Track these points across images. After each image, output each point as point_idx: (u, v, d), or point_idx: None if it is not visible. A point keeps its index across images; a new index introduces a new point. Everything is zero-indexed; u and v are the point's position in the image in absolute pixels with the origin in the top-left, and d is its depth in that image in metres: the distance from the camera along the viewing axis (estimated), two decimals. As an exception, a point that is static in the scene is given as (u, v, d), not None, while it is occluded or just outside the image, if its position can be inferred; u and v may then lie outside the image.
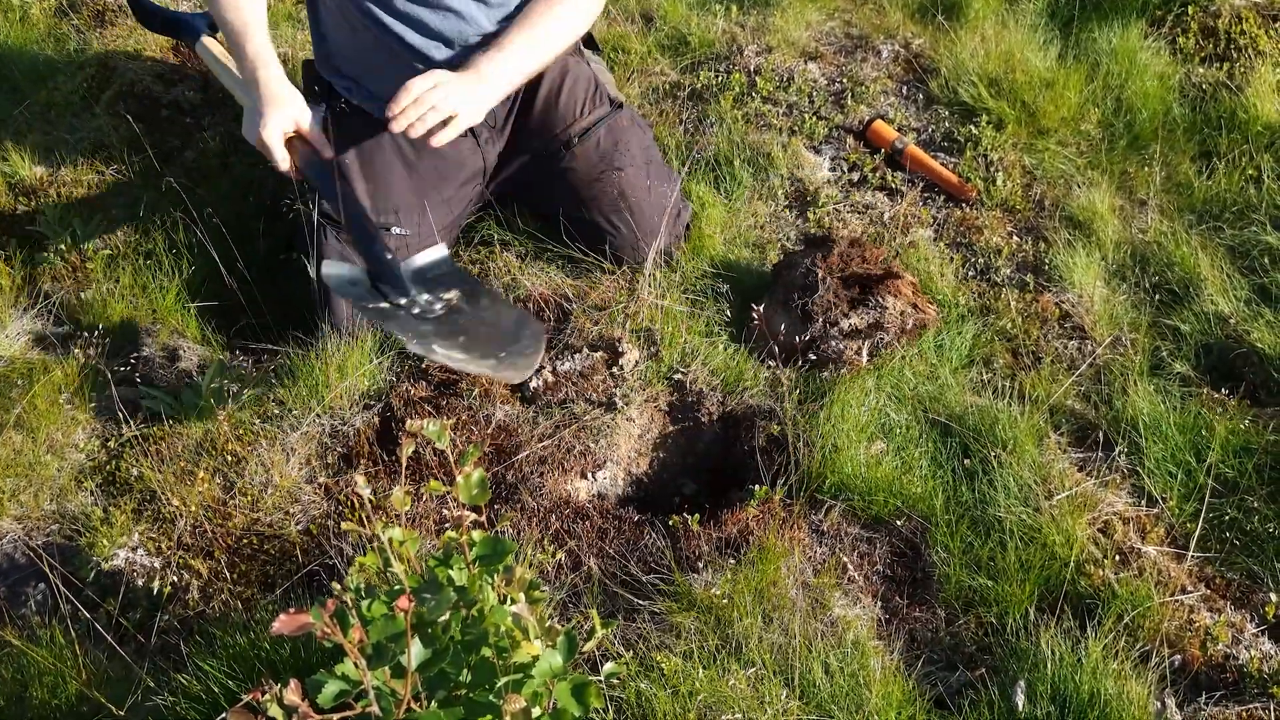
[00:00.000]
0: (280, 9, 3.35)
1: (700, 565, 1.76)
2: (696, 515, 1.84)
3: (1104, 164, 2.78)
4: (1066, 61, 3.08)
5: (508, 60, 2.09)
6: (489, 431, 1.99)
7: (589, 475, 2.00)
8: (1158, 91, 2.96)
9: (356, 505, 1.87)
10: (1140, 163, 2.79)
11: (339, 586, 1.16)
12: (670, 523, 1.85)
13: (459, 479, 1.24)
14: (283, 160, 2.03)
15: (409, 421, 1.23)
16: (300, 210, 2.16)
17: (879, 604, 1.78)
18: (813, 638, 1.65)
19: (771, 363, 2.11)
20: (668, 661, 1.58)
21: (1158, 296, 2.42)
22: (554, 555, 1.79)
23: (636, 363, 2.12)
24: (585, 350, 2.10)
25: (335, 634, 1.03)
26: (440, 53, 2.19)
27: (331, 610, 1.03)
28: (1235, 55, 3.09)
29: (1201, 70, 3.08)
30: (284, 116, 2.02)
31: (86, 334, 2.23)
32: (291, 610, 1.00)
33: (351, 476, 1.90)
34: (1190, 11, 3.25)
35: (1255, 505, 1.93)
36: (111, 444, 2.02)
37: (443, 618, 1.13)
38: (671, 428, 2.11)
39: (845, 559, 1.83)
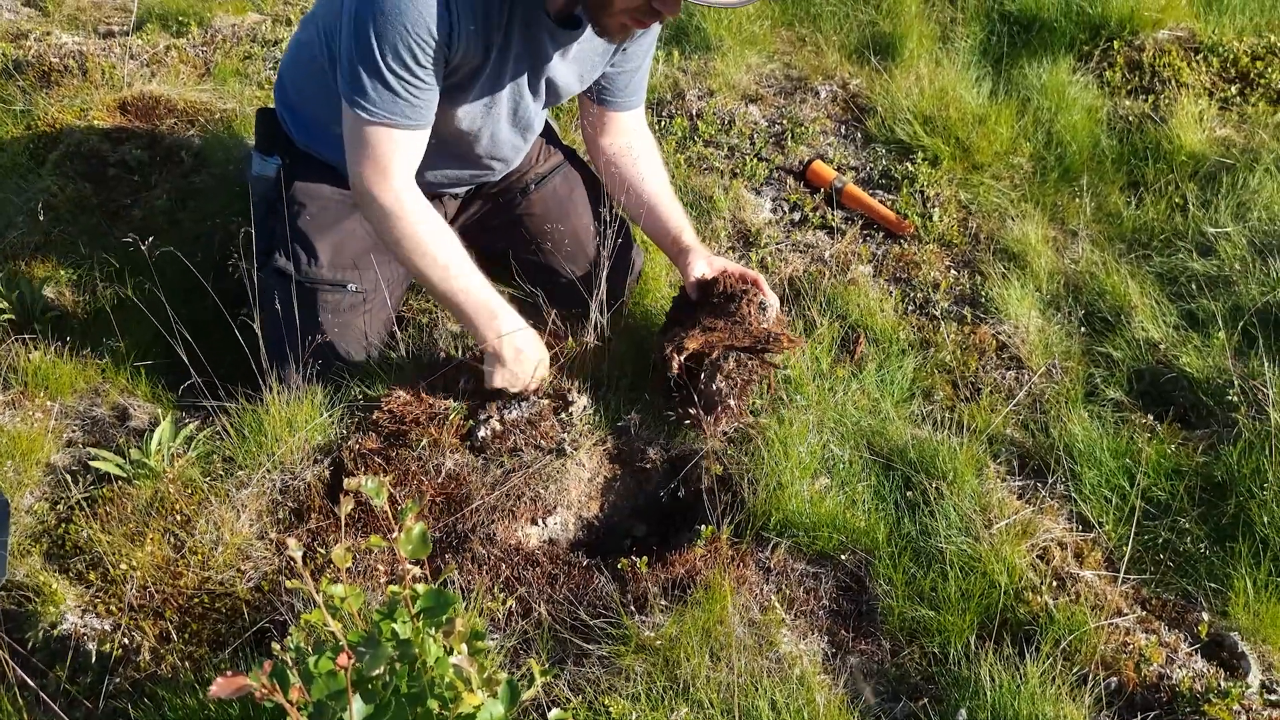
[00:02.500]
0: (227, 65, 3.38)
1: (648, 607, 1.78)
2: (644, 558, 1.87)
3: (1036, 196, 2.87)
4: (998, 98, 3.18)
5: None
6: (439, 481, 2.01)
7: (539, 521, 2.02)
8: (1086, 124, 3.06)
9: (301, 569, 1.87)
10: (1071, 194, 2.88)
11: (279, 647, 1.17)
12: (619, 566, 1.88)
13: (400, 534, 1.26)
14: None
15: (347, 479, 1.25)
16: (247, 268, 2.18)
17: (825, 638, 1.81)
18: (759, 675, 1.68)
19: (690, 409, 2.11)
20: (615, 704, 1.60)
21: (1090, 325, 2.50)
22: (504, 603, 1.81)
23: (584, 408, 2.15)
24: (532, 397, 2.13)
25: (274, 694, 1.05)
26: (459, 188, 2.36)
27: (269, 670, 1.05)
28: (1160, 88, 3.21)
29: (1128, 103, 3.19)
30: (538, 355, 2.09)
31: (34, 396, 2.23)
32: (229, 673, 1.02)
33: (286, 540, 1.90)
34: (1116, 46, 3.37)
35: (1187, 526, 1.99)
36: (60, 507, 2.02)
37: (378, 671, 1.15)
38: (620, 471, 2.14)
39: (791, 595, 1.86)
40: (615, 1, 1.83)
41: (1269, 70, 3.20)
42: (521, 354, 2.07)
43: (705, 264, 2.20)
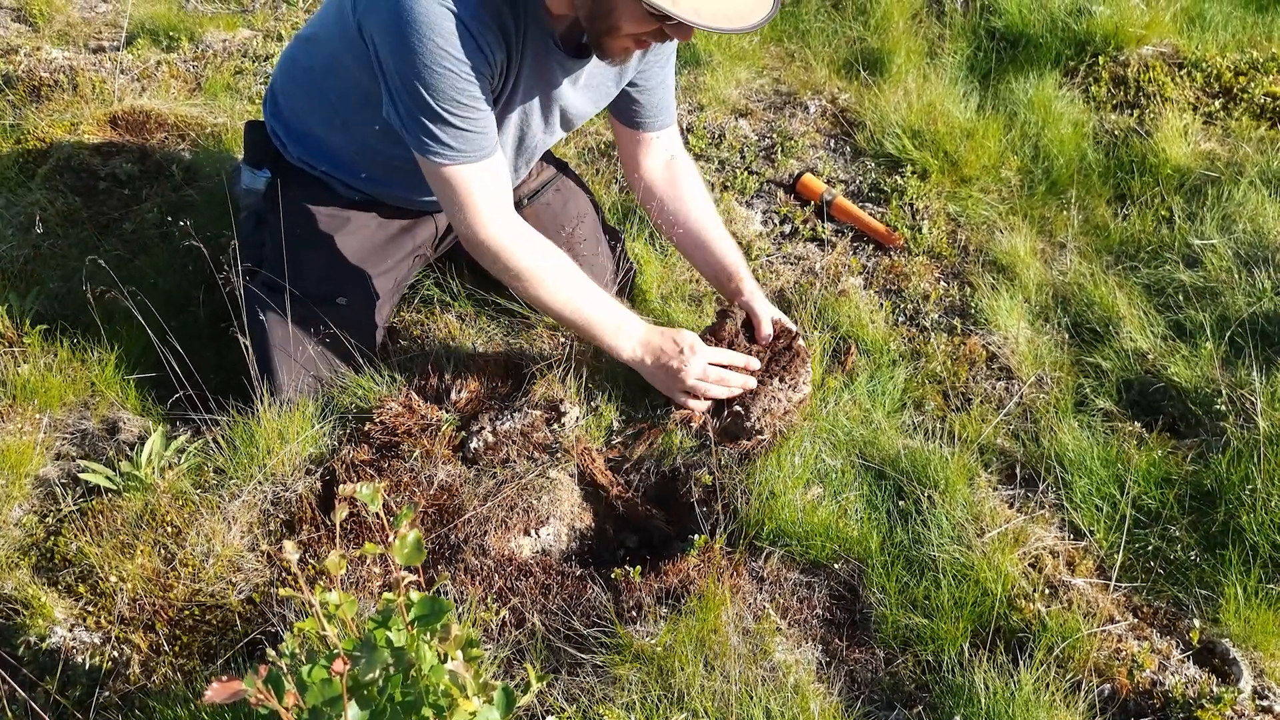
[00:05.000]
0: (217, 80, 3.39)
1: (642, 616, 1.78)
2: (638, 567, 1.87)
3: (1024, 209, 2.89)
4: (985, 112, 3.21)
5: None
6: (431, 493, 2.01)
7: (532, 532, 2.01)
8: (1073, 138, 3.09)
9: (296, 571, 1.87)
10: (1059, 207, 2.91)
11: (273, 653, 1.17)
12: (612, 575, 1.88)
13: (394, 540, 1.26)
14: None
15: (341, 486, 1.25)
16: (237, 281, 2.18)
17: (819, 647, 1.81)
18: (754, 684, 1.68)
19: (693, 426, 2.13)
20: (610, 713, 1.59)
21: (1079, 335, 2.51)
22: (497, 613, 1.80)
23: (577, 419, 2.15)
24: (525, 409, 2.13)
25: (269, 700, 1.05)
26: None
27: (264, 676, 1.05)
28: (1144, 102, 3.24)
29: (1113, 117, 3.22)
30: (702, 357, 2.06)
31: (24, 409, 2.22)
32: (224, 678, 1.01)
33: (282, 544, 1.90)
34: (1101, 61, 3.40)
35: (1177, 534, 2.00)
36: (49, 520, 2.00)
37: (372, 676, 1.14)
38: (614, 481, 2.14)
39: (785, 604, 1.86)
40: (622, 27, 1.83)
41: (1251, 85, 3.24)
42: (662, 353, 2.04)
43: (769, 314, 2.20)
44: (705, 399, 2.08)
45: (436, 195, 2.02)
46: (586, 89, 2.15)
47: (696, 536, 1.93)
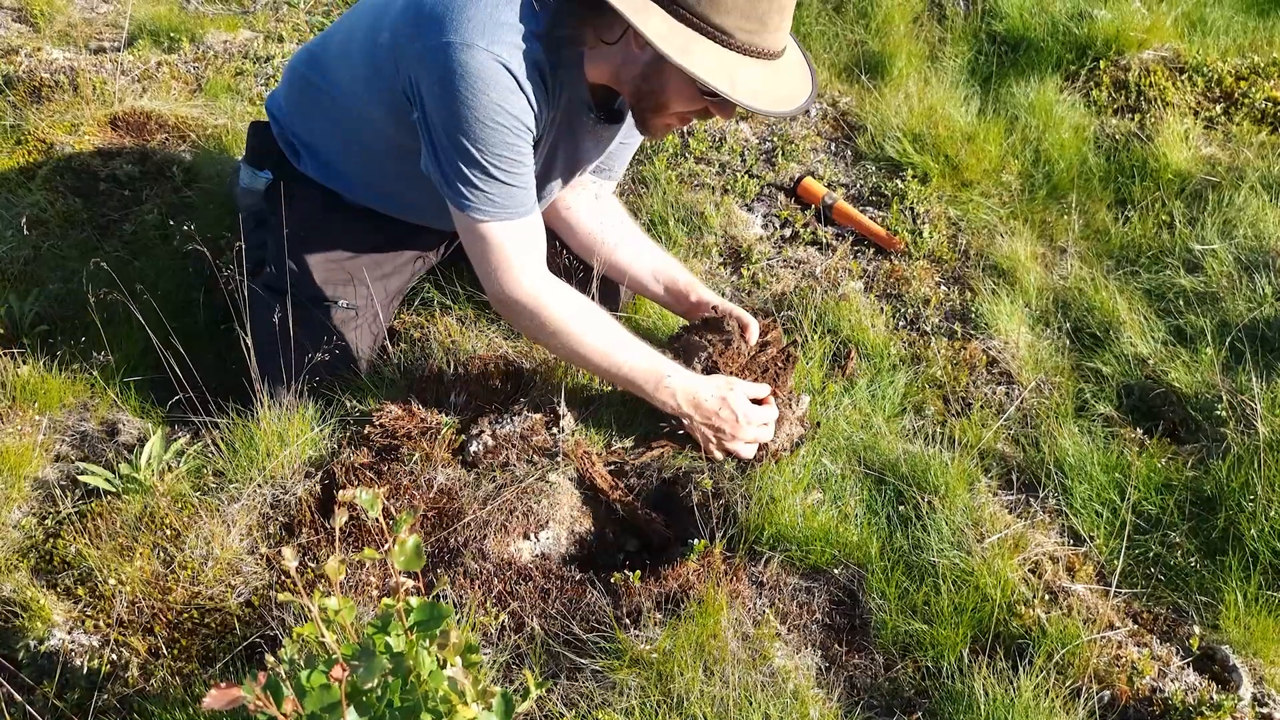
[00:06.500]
0: (218, 81, 3.38)
1: (641, 621, 1.78)
2: (637, 572, 1.87)
3: (1025, 213, 2.89)
4: (986, 116, 3.21)
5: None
6: (431, 496, 2.00)
7: (531, 536, 2.01)
8: (1074, 143, 3.09)
9: (295, 576, 1.87)
10: (1059, 211, 2.91)
11: (272, 659, 1.16)
12: (612, 580, 1.87)
13: (394, 545, 1.25)
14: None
15: (340, 491, 1.24)
16: (240, 282, 2.18)
17: (818, 652, 1.81)
18: (753, 689, 1.67)
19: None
20: (609, 719, 1.59)
21: (1079, 340, 2.51)
22: (497, 617, 1.80)
23: (576, 422, 2.15)
24: (525, 412, 2.13)
25: (268, 706, 1.04)
26: None
27: (263, 682, 1.04)
28: (1145, 107, 3.24)
29: (1114, 121, 3.22)
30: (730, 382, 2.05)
31: (23, 410, 2.21)
32: (222, 684, 1.01)
33: (279, 550, 1.90)
34: (1102, 66, 3.40)
35: (1177, 540, 2.00)
36: (48, 522, 2.00)
37: (371, 684, 1.14)
38: (613, 485, 2.13)
39: (785, 609, 1.86)
40: (671, 105, 1.85)
41: (1252, 90, 3.24)
42: (714, 415, 2.02)
43: (748, 315, 2.20)
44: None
45: (468, 252, 2.00)
46: (599, 147, 2.18)
47: (696, 541, 1.93)
